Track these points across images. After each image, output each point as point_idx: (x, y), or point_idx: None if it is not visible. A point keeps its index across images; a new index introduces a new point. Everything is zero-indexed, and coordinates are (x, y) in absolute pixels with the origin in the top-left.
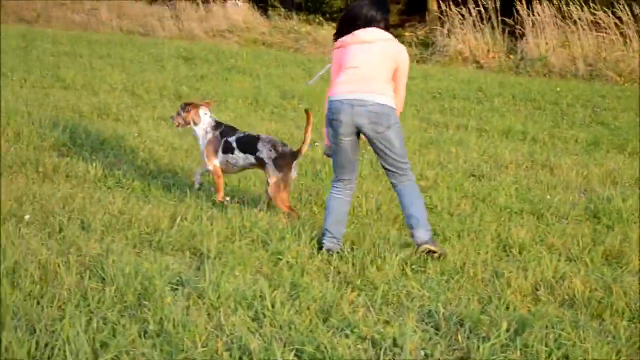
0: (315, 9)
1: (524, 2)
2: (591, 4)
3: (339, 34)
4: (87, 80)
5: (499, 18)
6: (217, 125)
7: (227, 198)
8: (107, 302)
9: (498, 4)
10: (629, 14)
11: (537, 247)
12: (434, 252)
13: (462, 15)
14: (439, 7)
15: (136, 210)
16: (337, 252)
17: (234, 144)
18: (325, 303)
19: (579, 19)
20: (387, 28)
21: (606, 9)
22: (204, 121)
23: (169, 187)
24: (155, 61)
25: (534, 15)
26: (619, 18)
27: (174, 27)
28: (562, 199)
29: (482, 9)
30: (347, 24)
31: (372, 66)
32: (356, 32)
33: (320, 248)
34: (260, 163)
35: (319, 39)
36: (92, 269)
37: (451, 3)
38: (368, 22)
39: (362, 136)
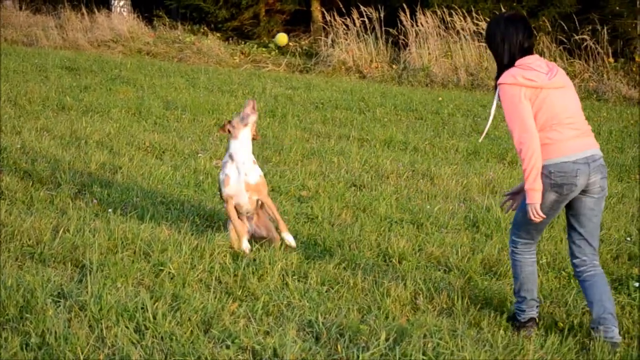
0: (200, 19)
1: (407, 12)
2: (474, 15)
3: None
4: None
5: (383, 28)
6: None
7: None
8: None
9: (382, 15)
10: None
11: (416, 257)
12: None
13: (347, 26)
14: (324, 17)
15: (19, 223)
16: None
17: None
18: (206, 314)
19: (462, 29)
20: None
21: (489, 20)
22: None
23: (52, 199)
24: (39, 71)
25: (417, 25)
26: None
27: (58, 37)
28: (442, 209)
29: (366, 19)
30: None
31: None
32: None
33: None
34: None
35: (203, 49)
36: None
37: (336, 13)
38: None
39: None
